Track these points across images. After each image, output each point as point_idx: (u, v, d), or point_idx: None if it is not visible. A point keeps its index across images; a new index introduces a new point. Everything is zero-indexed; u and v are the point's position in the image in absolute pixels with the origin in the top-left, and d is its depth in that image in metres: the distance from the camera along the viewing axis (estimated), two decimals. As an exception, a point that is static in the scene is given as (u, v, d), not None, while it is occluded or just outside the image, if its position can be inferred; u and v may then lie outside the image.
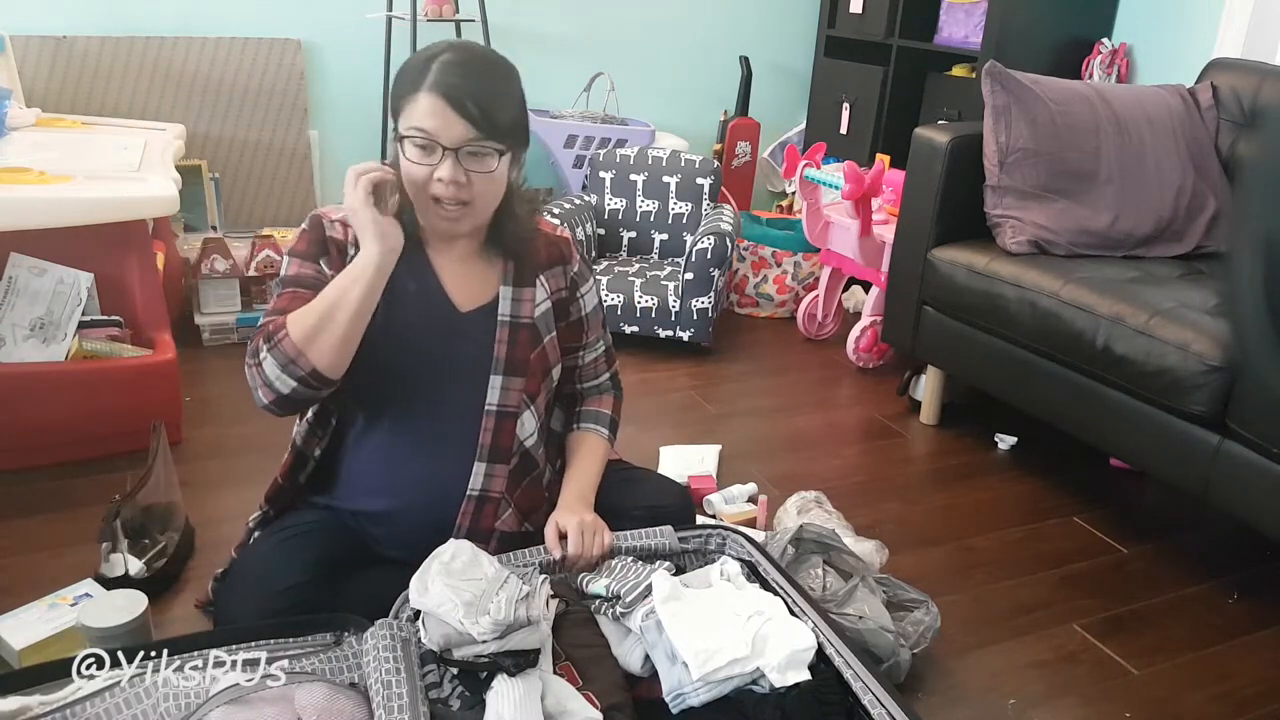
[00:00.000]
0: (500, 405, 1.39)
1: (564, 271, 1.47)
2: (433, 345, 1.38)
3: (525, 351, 1.41)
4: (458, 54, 1.28)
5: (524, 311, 1.41)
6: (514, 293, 1.41)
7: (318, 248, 1.36)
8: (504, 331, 1.39)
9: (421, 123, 1.25)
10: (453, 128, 1.25)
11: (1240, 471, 1.75)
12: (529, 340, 1.41)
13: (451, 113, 1.24)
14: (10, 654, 1.41)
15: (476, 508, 1.38)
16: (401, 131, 1.27)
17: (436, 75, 1.24)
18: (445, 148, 1.25)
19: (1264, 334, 1.15)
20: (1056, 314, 2.03)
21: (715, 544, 1.46)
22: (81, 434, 2.02)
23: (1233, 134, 2.44)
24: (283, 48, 3.12)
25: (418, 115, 1.25)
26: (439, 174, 1.26)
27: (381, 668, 1.12)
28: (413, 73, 1.27)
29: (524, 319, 1.41)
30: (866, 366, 2.88)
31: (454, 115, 1.24)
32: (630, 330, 2.87)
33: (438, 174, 1.26)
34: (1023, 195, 2.25)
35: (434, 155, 1.26)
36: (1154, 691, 1.61)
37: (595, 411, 1.56)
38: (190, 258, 2.69)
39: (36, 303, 2.01)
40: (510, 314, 1.40)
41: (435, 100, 1.24)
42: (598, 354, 1.56)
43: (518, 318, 1.41)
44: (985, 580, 1.89)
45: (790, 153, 2.93)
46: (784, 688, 1.17)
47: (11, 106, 2.40)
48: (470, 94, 1.24)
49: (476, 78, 1.26)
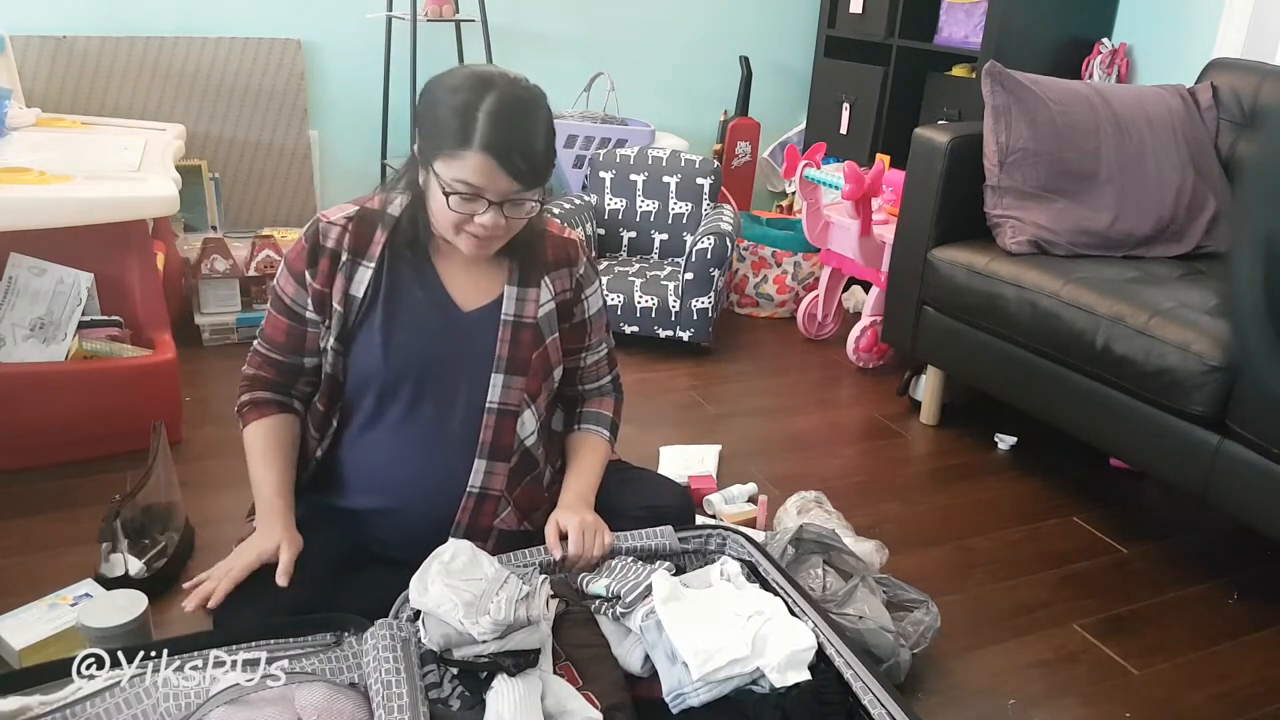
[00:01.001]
0: (501, 403, 1.39)
1: (570, 273, 1.47)
2: (436, 345, 1.38)
3: (527, 351, 1.41)
4: (499, 100, 1.23)
5: (527, 311, 1.41)
6: (518, 293, 1.41)
7: (307, 259, 1.37)
8: (506, 331, 1.40)
9: (469, 178, 1.23)
10: (499, 183, 1.24)
11: (1240, 471, 1.75)
12: (532, 340, 1.41)
13: (501, 172, 1.23)
14: (10, 654, 1.41)
15: (476, 505, 1.38)
16: (445, 183, 1.25)
17: (485, 132, 1.21)
18: (491, 201, 1.26)
19: (1264, 334, 1.15)
20: (1056, 314, 2.03)
21: (715, 544, 1.46)
22: (81, 434, 2.02)
23: (1233, 134, 2.44)
24: (283, 48, 3.12)
25: (465, 171, 1.23)
26: (481, 220, 1.27)
27: (381, 668, 1.12)
28: (456, 122, 1.22)
29: (527, 319, 1.41)
30: (866, 366, 2.88)
31: (502, 173, 1.23)
32: (630, 330, 2.87)
33: (479, 220, 1.27)
34: (1023, 195, 2.25)
35: (478, 205, 1.26)
36: (1154, 691, 1.61)
37: (596, 413, 1.56)
38: (190, 258, 2.69)
39: (36, 303, 2.01)
40: (514, 314, 1.40)
41: (485, 160, 1.22)
42: (600, 356, 1.56)
43: (521, 317, 1.41)
44: (985, 580, 1.89)
45: (790, 153, 2.93)
46: (784, 688, 1.17)
47: (11, 106, 2.40)
48: (518, 148, 1.23)
49: (522, 128, 1.25)
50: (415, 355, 1.37)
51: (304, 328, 1.39)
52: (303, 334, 1.39)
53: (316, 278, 1.36)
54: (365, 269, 1.36)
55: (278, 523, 1.31)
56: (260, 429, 1.40)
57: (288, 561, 1.25)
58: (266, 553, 1.26)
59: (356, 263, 1.37)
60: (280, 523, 1.31)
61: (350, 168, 3.37)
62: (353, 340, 1.37)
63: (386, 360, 1.35)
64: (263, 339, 1.43)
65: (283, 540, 1.28)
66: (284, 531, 1.30)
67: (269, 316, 1.42)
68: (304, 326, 1.39)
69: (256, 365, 1.43)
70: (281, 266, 1.40)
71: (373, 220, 1.38)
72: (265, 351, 1.42)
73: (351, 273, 1.36)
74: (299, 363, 1.41)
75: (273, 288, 1.42)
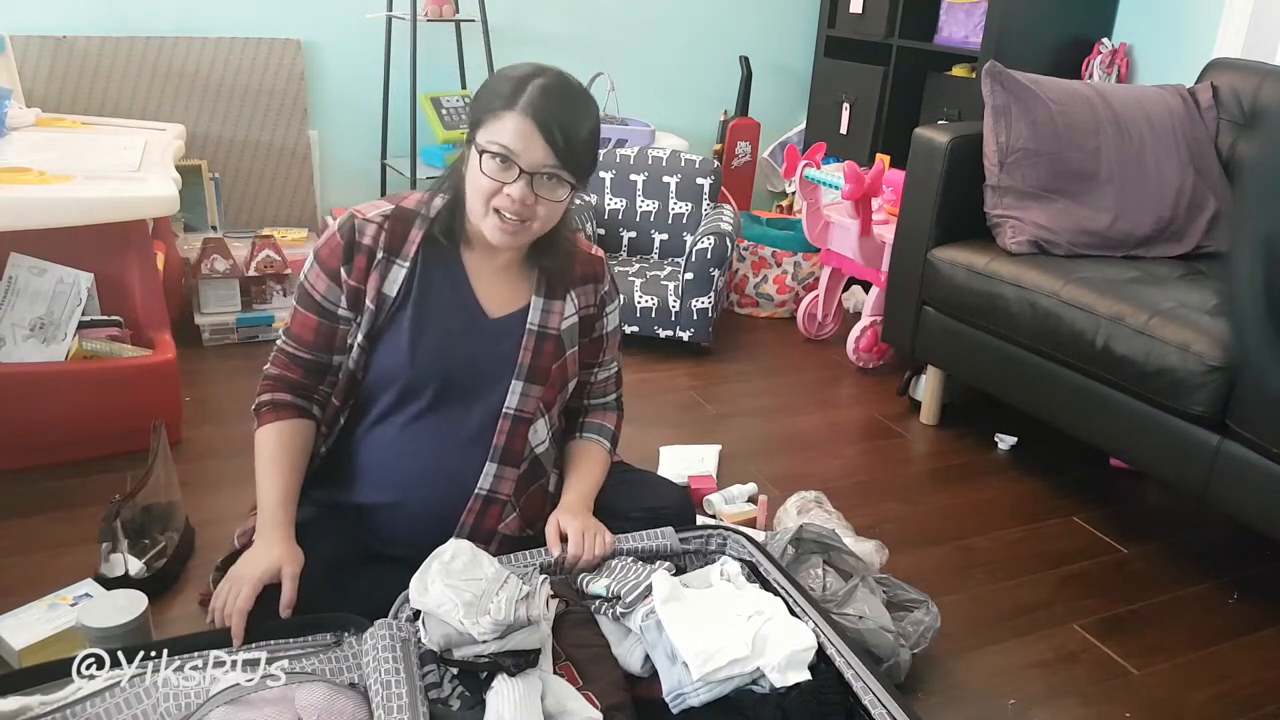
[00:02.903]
0: (518, 410, 1.40)
1: (595, 290, 1.49)
2: (461, 349, 1.39)
3: (549, 361, 1.42)
4: (552, 80, 1.28)
5: (552, 323, 1.43)
6: (545, 304, 1.43)
7: (343, 255, 1.36)
8: (530, 340, 1.41)
9: (507, 141, 1.25)
10: (535, 151, 1.26)
11: (1240, 471, 1.75)
12: (554, 351, 1.43)
13: (538, 137, 1.25)
14: (10, 654, 1.41)
15: (482, 507, 1.39)
16: (481, 144, 1.27)
17: (531, 98, 1.25)
18: (523, 170, 1.26)
19: (1264, 334, 1.15)
20: (1056, 314, 2.03)
21: (716, 544, 1.46)
22: (81, 434, 2.02)
23: (1233, 134, 2.44)
24: (283, 48, 3.12)
25: (504, 133, 1.25)
26: (510, 191, 1.27)
27: (381, 668, 1.12)
28: (505, 90, 1.26)
29: (551, 330, 1.43)
30: (866, 366, 2.88)
31: (539, 140, 1.25)
32: (630, 330, 2.87)
33: (508, 190, 1.27)
34: (1023, 195, 2.25)
35: (510, 173, 1.27)
36: (1154, 691, 1.62)
37: (599, 424, 1.57)
38: (190, 258, 2.68)
39: (36, 303, 2.01)
40: (539, 324, 1.42)
41: (525, 122, 1.24)
42: (610, 374, 1.58)
43: (545, 328, 1.42)
44: (985, 580, 1.89)
45: (790, 153, 2.93)
46: (784, 688, 1.17)
47: (11, 106, 2.40)
48: (559, 122, 1.25)
49: (568, 107, 1.27)
50: (440, 357, 1.37)
51: (335, 324, 1.39)
52: (333, 331, 1.39)
53: (352, 274, 1.36)
54: (400, 268, 1.37)
55: (277, 537, 1.30)
56: (274, 432, 1.38)
57: (289, 594, 1.25)
58: (268, 574, 1.25)
59: (391, 261, 1.37)
60: (280, 537, 1.30)
61: (350, 168, 3.37)
62: (380, 338, 1.37)
63: (413, 361, 1.36)
64: (289, 337, 1.41)
65: (284, 559, 1.27)
66: (283, 547, 1.29)
67: (296, 314, 1.40)
68: (335, 324, 1.39)
69: (282, 365, 1.42)
70: (310, 263, 1.38)
71: (408, 219, 1.39)
72: (292, 350, 1.41)
73: (386, 271, 1.37)
74: (327, 360, 1.41)
75: (301, 285, 1.40)
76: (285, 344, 1.42)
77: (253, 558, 1.28)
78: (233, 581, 1.26)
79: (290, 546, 1.30)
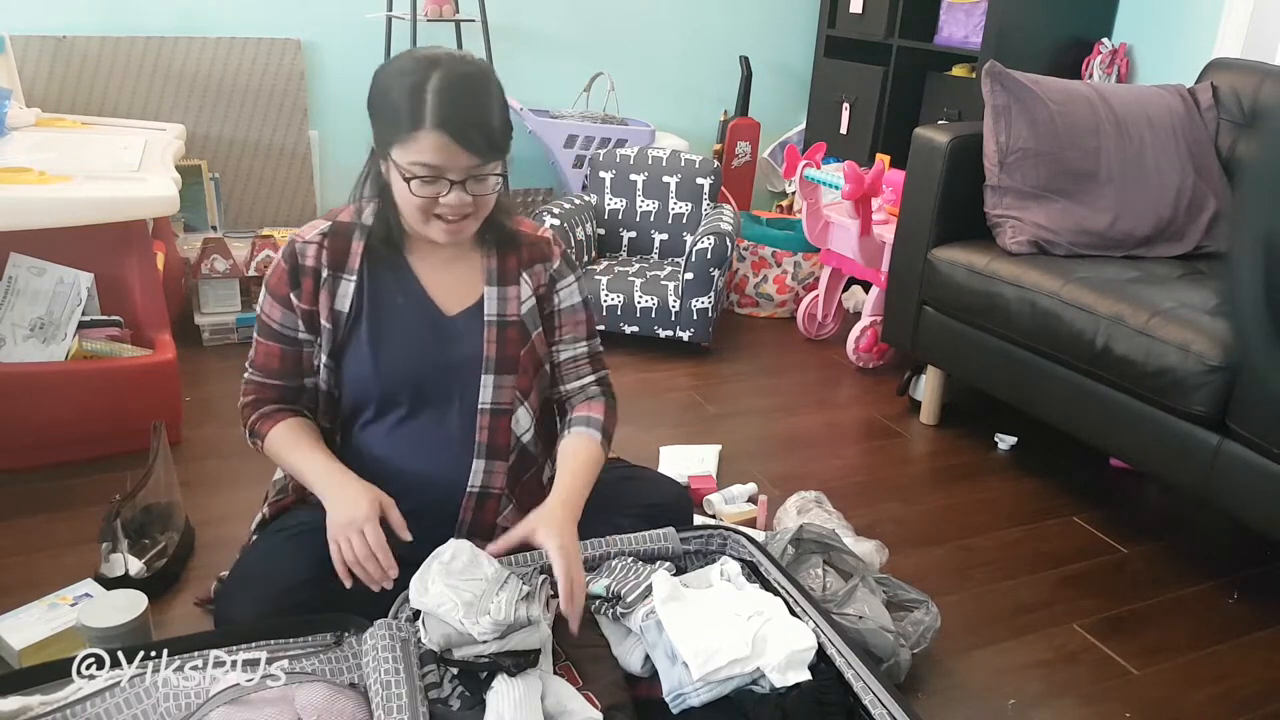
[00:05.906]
0: (494, 403, 1.39)
1: (544, 268, 1.47)
2: (425, 353, 1.38)
3: (515, 349, 1.41)
4: (446, 75, 1.22)
5: (510, 310, 1.41)
6: (499, 292, 1.41)
7: (289, 281, 1.36)
8: (491, 331, 1.40)
9: (428, 159, 1.22)
10: (458, 160, 1.23)
11: (1240, 471, 1.75)
12: (518, 338, 1.41)
13: (457, 147, 1.22)
14: (10, 654, 1.41)
15: (478, 504, 1.39)
16: (403, 166, 1.24)
17: (434, 107, 1.20)
18: (453, 181, 1.25)
19: (1264, 334, 1.15)
20: (1056, 314, 2.03)
21: (716, 544, 1.46)
22: (81, 434, 2.02)
23: (1233, 134, 2.44)
24: (283, 48, 3.12)
25: (423, 152, 1.22)
26: (446, 201, 1.26)
27: (381, 668, 1.12)
28: (405, 104, 1.21)
29: (510, 317, 1.41)
30: (866, 366, 2.88)
31: (459, 149, 1.22)
32: (630, 330, 2.87)
33: (444, 201, 1.26)
34: (1023, 195, 2.25)
35: (440, 186, 1.25)
36: (1154, 691, 1.61)
37: (585, 416, 1.49)
38: (190, 258, 2.69)
39: (36, 303, 2.01)
40: (497, 314, 1.41)
41: (439, 136, 1.21)
42: (576, 353, 1.51)
43: (504, 316, 1.41)
44: (985, 580, 1.89)
45: (790, 153, 2.93)
46: (784, 688, 1.17)
47: (11, 106, 2.40)
48: (471, 122, 1.22)
49: (473, 101, 1.24)
50: (406, 365, 1.37)
51: (298, 349, 1.39)
52: (297, 355, 1.39)
53: (302, 298, 1.36)
54: (347, 282, 1.37)
55: (350, 479, 1.30)
56: (283, 429, 1.37)
57: (398, 518, 1.27)
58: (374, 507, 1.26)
59: (338, 277, 1.36)
60: (354, 479, 1.30)
61: (350, 168, 3.30)
62: (343, 354, 1.37)
63: (378, 373, 1.36)
64: (254, 369, 1.41)
65: (374, 491, 1.28)
66: (362, 484, 1.29)
67: (259, 345, 1.40)
68: (298, 348, 1.39)
69: (254, 391, 1.41)
70: (263, 294, 1.38)
71: (347, 233, 1.38)
72: (260, 379, 1.41)
73: (335, 287, 1.36)
74: (298, 384, 1.41)
75: (258, 316, 1.40)
76: (253, 375, 1.41)
77: (347, 503, 1.26)
78: (344, 530, 1.24)
79: (369, 485, 1.30)
